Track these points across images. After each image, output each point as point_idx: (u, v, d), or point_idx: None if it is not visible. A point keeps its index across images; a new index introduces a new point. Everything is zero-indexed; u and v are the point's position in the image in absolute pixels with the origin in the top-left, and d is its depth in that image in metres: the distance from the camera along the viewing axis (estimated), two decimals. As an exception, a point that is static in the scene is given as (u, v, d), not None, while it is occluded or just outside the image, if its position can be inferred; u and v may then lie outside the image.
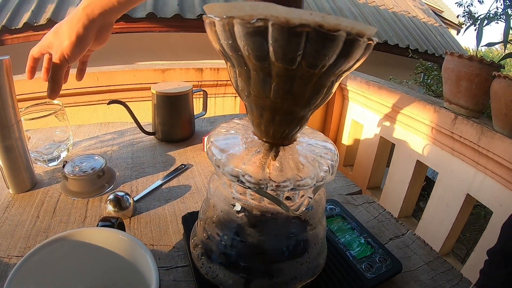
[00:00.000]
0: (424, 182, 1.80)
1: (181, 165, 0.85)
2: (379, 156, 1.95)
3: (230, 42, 0.31)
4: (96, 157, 0.77)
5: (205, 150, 0.87)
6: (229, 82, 1.94)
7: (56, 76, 0.62)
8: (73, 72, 0.70)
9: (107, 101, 0.84)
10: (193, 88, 0.92)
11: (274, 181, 0.37)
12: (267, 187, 0.37)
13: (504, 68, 1.35)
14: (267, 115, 0.36)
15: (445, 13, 10.11)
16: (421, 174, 1.72)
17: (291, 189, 0.37)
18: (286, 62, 0.29)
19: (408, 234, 0.70)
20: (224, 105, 2.05)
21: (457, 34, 9.19)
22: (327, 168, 0.40)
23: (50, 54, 0.63)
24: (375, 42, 0.31)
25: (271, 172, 0.38)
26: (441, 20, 6.60)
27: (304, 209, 0.39)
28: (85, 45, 0.60)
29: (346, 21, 0.28)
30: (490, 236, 1.29)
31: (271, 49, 0.28)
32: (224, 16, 0.29)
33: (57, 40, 0.59)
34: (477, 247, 1.36)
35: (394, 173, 1.80)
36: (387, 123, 1.84)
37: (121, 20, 3.04)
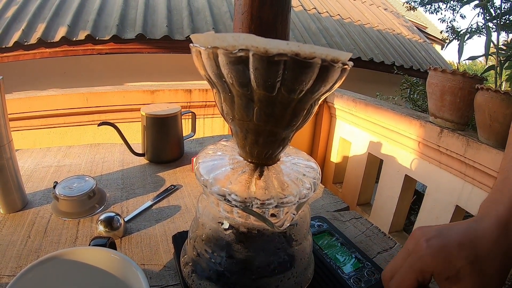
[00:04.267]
0: (414, 196, 1.82)
1: (170, 186, 0.86)
2: (368, 173, 1.97)
3: (215, 70, 0.33)
4: (87, 178, 0.78)
5: (194, 170, 0.88)
6: (218, 103, 1.96)
7: None
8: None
9: (97, 122, 0.85)
10: (182, 110, 0.93)
11: (259, 199, 0.39)
12: (252, 205, 0.39)
13: (487, 80, 1.38)
14: (251, 137, 0.38)
15: (429, 29, 10.36)
16: (410, 189, 1.75)
17: (275, 207, 0.39)
18: (266, 89, 0.31)
19: (396, 247, 0.72)
20: (213, 126, 2.07)
21: (442, 49, 9.40)
22: (309, 186, 0.42)
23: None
24: (350, 66, 0.34)
25: (256, 190, 0.40)
26: (425, 36, 6.76)
27: (288, 225, 0.41)
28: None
29: (321, 49, 0.30)
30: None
31: (252, 76, 0.31)
32: (209, 46, 0.32)
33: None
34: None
35: (383, 189, 1.82)
36: (375, 140, 1.87)
37: (111, 41, 3.08)
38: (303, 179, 0.43)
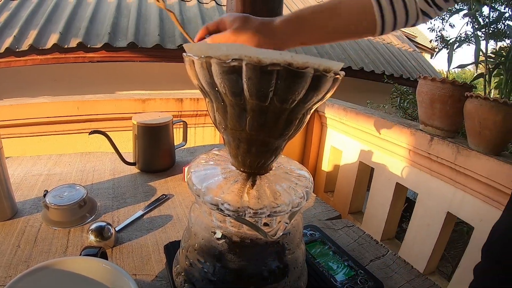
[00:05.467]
0: (406, 203, 1.83)
1: (162, 195, 0.85)
2: (359, 181, 1.98)
3: (208, 79, 0.33)
4: (77, 187, 0.78)
5: (185, 180, 0.88)
6: (209, 112, 1.96)
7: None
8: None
9: (88, 131, 0.85)
10: (173, 119, 0.93)
11: (252, 209, 0.39)
12: (245, 214, 0.39)
13: (476, 88, 1.40)
14: (243, 146, 0.38)
15: (419, 38, 10.49)
16: (401, 196, 1.75)
17: (268, 216, 0.39)
18: (259, 98, 0.32)
19: (388, 254, 0.72)
20: (204, 135, 2.07)
21: (431, 58, 9.53)
22: (302, 194, 0.42)
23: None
24: (342, 76, 0.34)
25: (248, 200, 0.40)
26: (415, 45, 6.86)
27: (281, 234, 0.41)
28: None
29: (313, 59, 0.31)
30: (473, 251, 1.31)
31: (245, 86, 0.31)
32: (202, 56, 0.32)
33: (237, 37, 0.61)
34: (461, 263, 1.37)
35: (375, 197, 1.83)
36: (366, 148, 1.88)
37: (102, 49, 3.07)
38: (296, 188, 0.43)
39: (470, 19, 2.62)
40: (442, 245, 1.51)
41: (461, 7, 2.37)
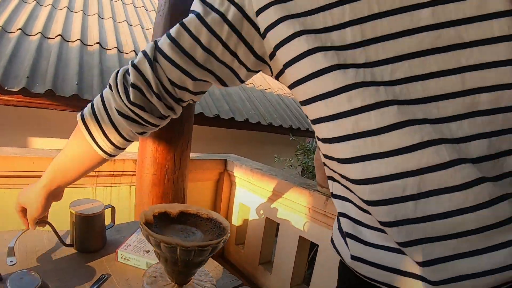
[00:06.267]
0: (314, 249, 2.06)
1: (101, 275, 0.97)
2: (267, 234, 2.22)
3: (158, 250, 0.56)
4: (33, 273, 0.84)
5: (118, 260, 1.03)
6: (124, 173, 2.07)
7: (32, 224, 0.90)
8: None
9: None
10: (104, 204, 1.09)
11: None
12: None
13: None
14: (176, 275, 0.61)
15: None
16: (304, 247, 2.01)
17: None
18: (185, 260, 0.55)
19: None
20: (119, 194, 2.17)
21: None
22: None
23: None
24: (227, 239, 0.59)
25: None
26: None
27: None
28: (47, 209, 0.86)
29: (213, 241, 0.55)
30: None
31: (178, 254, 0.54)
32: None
33: (29, 207, 0.86)
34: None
35: (281, 248, 2.07)
36: (271, 205, 2.13)
37: (20, 93, 3.00)
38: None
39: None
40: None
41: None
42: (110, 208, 1.13)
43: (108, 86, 0.66)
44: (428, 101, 0.45)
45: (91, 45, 4.16)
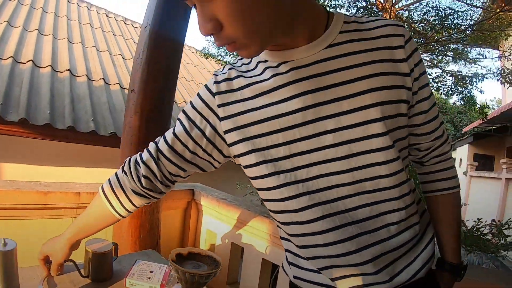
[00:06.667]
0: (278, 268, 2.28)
1: None
2: (233, 258, 2.41)
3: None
4: None
5: (126, 286, 1.21)
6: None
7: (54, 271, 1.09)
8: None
9: None
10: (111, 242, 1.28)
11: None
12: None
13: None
14: None
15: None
16: (267, 269, 2.20)
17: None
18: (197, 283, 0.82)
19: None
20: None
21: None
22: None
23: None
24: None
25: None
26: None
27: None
28: (69, 256, 1.07)
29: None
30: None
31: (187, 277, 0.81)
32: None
33: (54, 255, 1.05)
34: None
35: (246, 270, 2.26)
36: (236, 232, 2.34)
37: (-7, 121, 3.06)
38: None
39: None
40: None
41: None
42: (113, 246, 1.34)
43: (123, 172, 0.91)
44: (330, 189, 0.73)
45: (62, 72, 4.29)
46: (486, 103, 22.52)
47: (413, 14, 5.66)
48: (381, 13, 4.94)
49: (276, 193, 0.75)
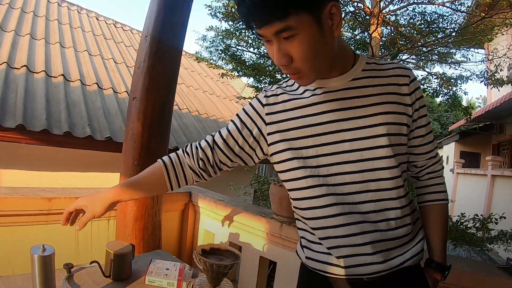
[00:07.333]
0: (271, 265, 2.34)
1: None
2: (231, 256, 2.49)
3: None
4: None
5: (145, 283, 1.31)
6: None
7: (83, 223, 1.09)
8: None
9: None
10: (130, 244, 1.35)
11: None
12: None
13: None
14: (214, 280, 1.07)
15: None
16: (264, 266, 2.27)
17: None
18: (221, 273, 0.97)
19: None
20: (99, 227, 2.31)
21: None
22: None
23: (77, 211, 1.10)
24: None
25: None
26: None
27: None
28: (104, 213, 1.10)
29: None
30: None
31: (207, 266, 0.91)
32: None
33: (91, 206, 1.07)
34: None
35: (244, 268, 2.33)
36: (234, 231, 2.41)
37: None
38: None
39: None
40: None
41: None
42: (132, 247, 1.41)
43: (184, 152, 1.10)
44: (344, 184, 0.93)
45: (56, 77, 4.30)
46: (473, 101, 22.95)
47: (400, 19, 5.81)
48: (368, 18, 5.05)
49: (302, 182, 0.96)
